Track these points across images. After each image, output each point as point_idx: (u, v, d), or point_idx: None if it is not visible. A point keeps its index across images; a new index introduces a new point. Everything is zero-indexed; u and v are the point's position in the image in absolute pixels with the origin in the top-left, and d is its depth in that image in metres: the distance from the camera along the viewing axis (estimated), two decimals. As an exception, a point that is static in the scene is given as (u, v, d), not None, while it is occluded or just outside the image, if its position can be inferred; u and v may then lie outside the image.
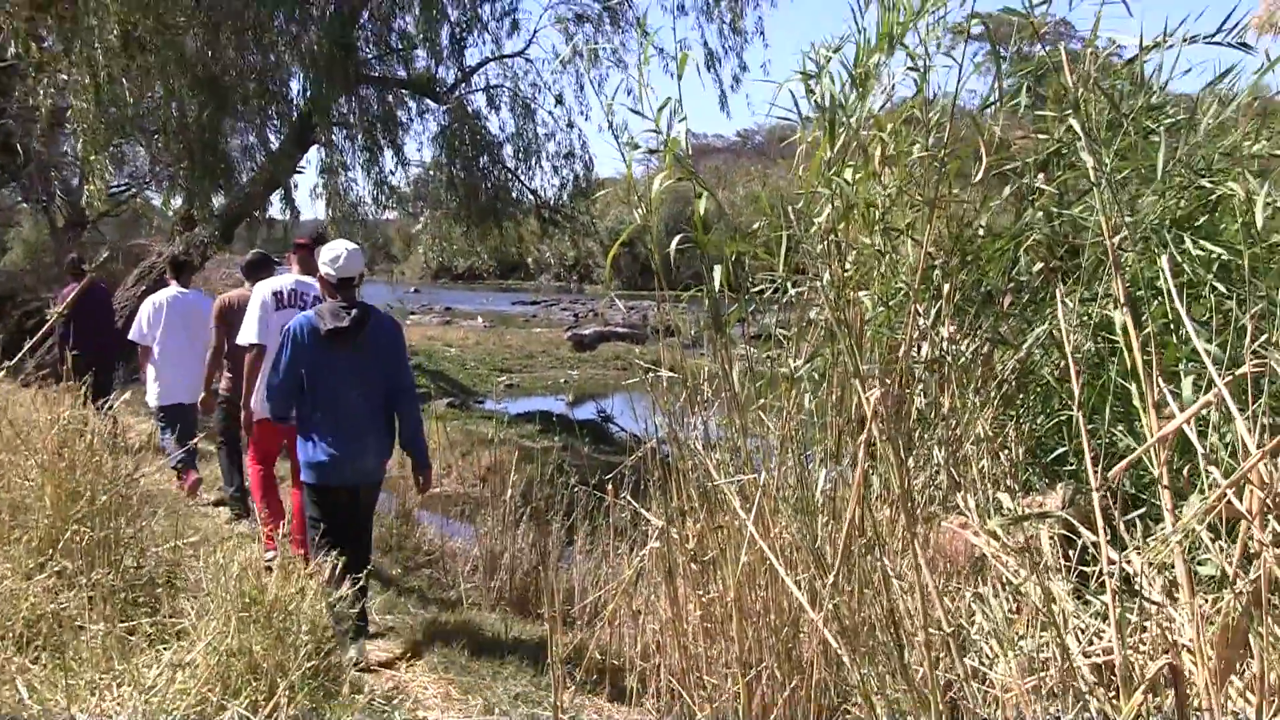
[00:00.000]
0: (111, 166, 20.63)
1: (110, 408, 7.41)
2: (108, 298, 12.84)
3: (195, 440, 9.70)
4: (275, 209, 19.64)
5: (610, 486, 6.56)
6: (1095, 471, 3.29)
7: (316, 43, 15.75)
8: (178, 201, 18.40)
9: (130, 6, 13.92)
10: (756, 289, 5.57)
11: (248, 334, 7.89)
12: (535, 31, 21.10)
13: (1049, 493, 4.53)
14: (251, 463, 8.31)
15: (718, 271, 4.93)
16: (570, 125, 20.07)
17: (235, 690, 4.31)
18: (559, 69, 19.72)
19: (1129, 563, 3.53)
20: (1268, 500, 2.53)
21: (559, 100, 19.92)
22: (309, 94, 16.46)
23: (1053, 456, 5.01)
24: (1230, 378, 2.63)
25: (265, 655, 4.48)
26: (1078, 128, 3.59)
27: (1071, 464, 4.95)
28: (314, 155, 18.43)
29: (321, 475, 6.48)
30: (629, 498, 6.15)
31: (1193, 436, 2.89)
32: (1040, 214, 5.23)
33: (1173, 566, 3.37)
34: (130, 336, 10.61)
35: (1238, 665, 2.80)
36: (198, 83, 14.98)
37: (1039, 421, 5.18)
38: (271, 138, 17.95)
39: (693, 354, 5.91)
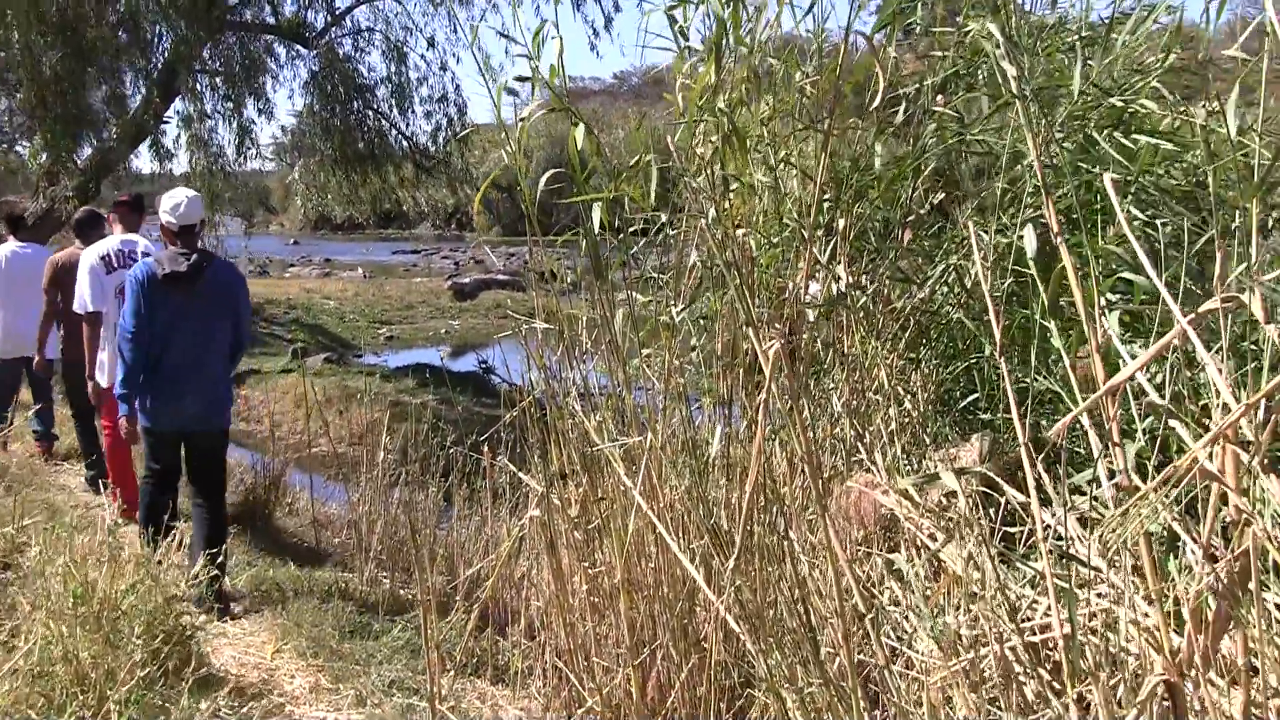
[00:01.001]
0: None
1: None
2: None
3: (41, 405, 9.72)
4: (144, 161, 18.76)
5: (486, 448, 6.09)
6: (1021, 422, 2.90)
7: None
8: (43, 156, 17.44)
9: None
10: (633, 229, 5.07)
11: (83, 301, 7.72)
12: None
13: (963, 445, 4.15)
14: (105, 434, 8.14)
15: (596, 211, 4.45)
16: (443, 68, 19.72)
17: (59, 705, 3.79)
18: (430, 11, 19.02)
19: (1060, 523, 3.16)
20: (1259, 460, 2.14)
21: (431, 43, 19.43)
22: (171, 42, 15.63)
23: (964, 404, 4.61)
24: (1193, 315, 2.23)
25: (94, 663, 3.96)
26: (995, 31, 3.15)
27: (982, 411, 4.56)
28: (179, 104, 17.62)
29: (154, 419, 6.54)
30: (506, 460, 5.70)
31: (1146, 386, 2.49)
32: (936, 139, 4.82)
33: (1104, 523, 3.01)
34: None
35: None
36: (54, 30, 14.12)
37: (945, 367, 4.78)
38: (139, 86, 17.09)
39: (572, 301, 5.43)
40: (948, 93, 4.76)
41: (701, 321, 4.99)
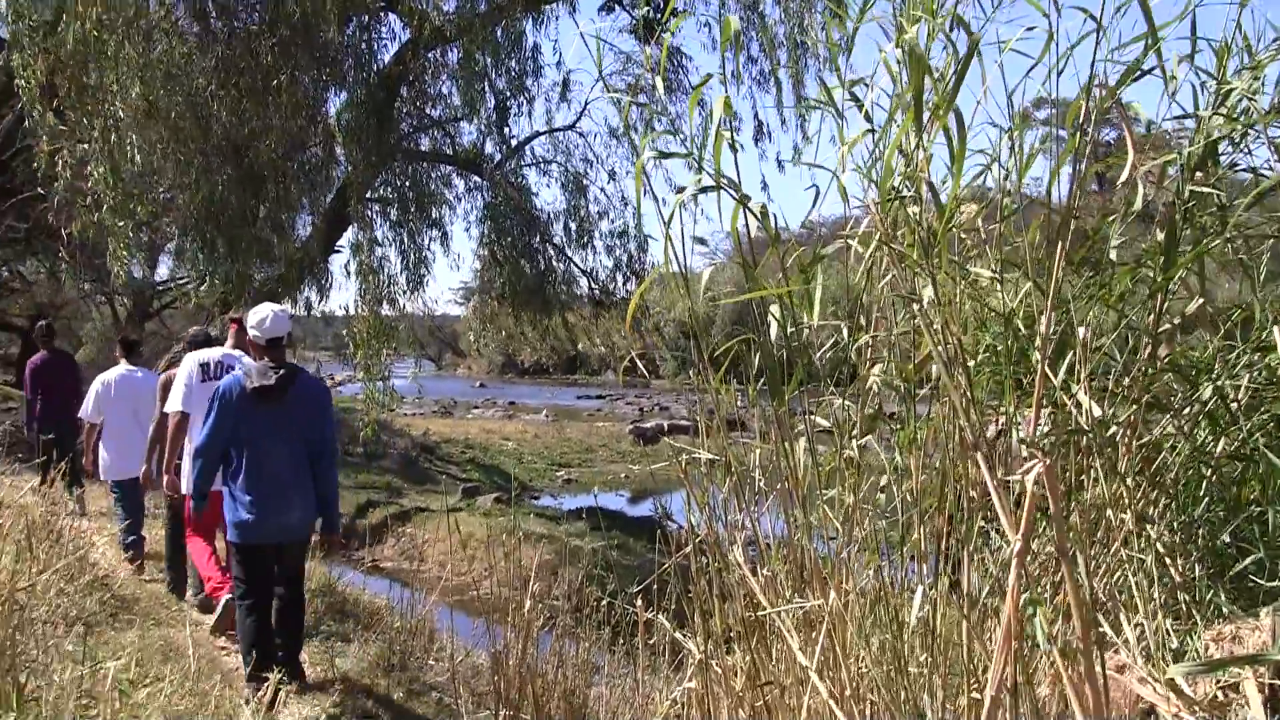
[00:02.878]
0: (168, 257, 20.02)
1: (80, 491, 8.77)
2: (76, 371, 12.94)
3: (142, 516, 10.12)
4: (309, 291, 18.83)
5: (640, 602, 5.25)
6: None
7: (350, 114, 14.87)
8: (214, 284, 17.45)
9: (149, 69, 13.15)
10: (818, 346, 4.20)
11: (173, 402, 8.20)
12: (586, 103, 19.63)
13: (1244, 622, 3.16)
14: (189, 535, 8.31)
15: (774, 314, 3.64)
16: (624, 202, 18.93)
17: None
18: (611, 143, 18.62)
19: None
20: None
21: (612, 176, 18.84)
22: (344, 171, 15.49)
23: (1239, 568, 3.57)
24: None
25: None
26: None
27: (1262, 576, 3.52)
28: (349, 234, 17.47)
29: (245, 533, 6.62)
30: (661, 617, 4.87)
31: None
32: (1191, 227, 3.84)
33: None
34: (80, 415, 10.75)
35: None
36: (224, 158, 14.11)
37: (1213, 517, 3.75)
38: (309, 214, 17.01)
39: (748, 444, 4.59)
40: (1207, 170, 3.79)
41: (897, 456, 4.11)
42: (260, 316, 6.75)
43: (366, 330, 15.89)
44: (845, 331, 4.08)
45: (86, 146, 13.63)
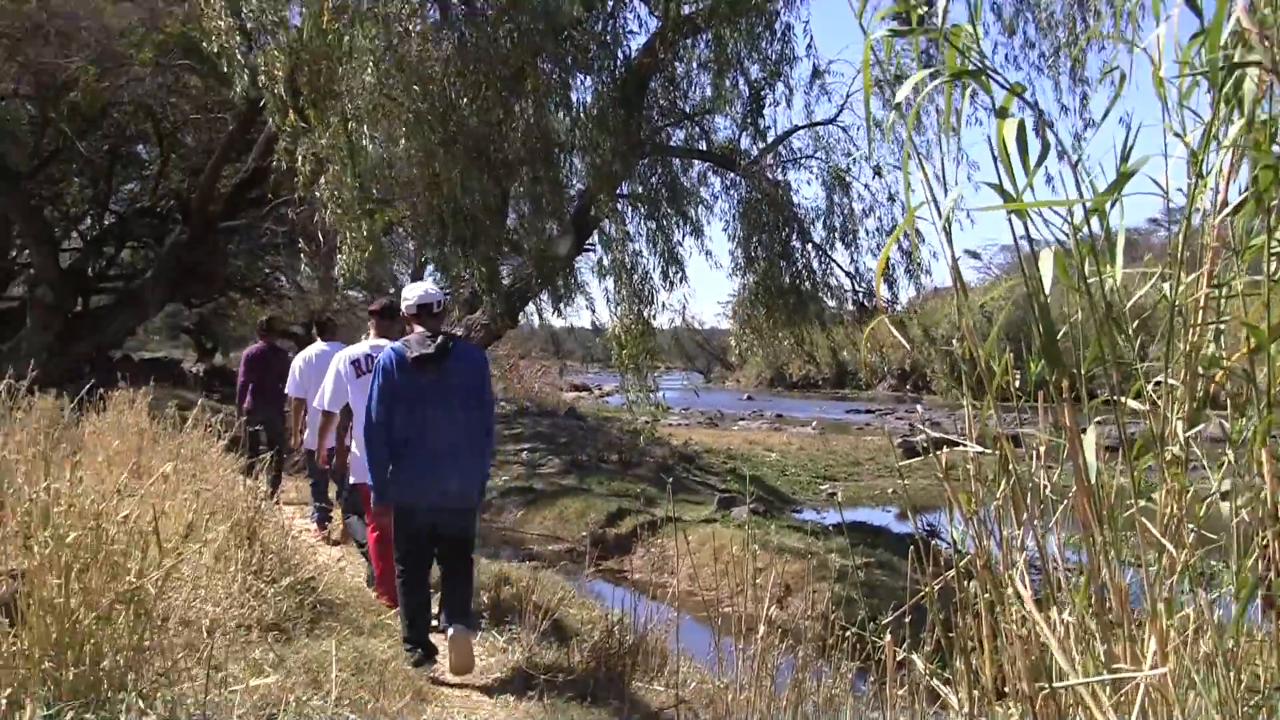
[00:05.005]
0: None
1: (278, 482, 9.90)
2: (288, 362, 13.18)
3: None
4: (568, 293, 18.56)
5: (889, 636, 4.19)
6: None
7: (598, 104, 14.19)
8: (466, 282, 17.04)
9: (385, 56, 12.72)
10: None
11: (322, 399, 8.86)
12: (848, 96, 17.93)
13: None
14: (371, 532, 8.38)
15: (1048, 263, 2.57)
16: (891, 199, 17.56)
17: None
18: (876, 136, 17.42)
19: None
20: None
21: (877, 171, 17.52)
22: (593, 163, 14.73)
23: None
24: None
25: None
26: None
27: None
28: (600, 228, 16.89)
29: (402, 494, 6.80)
30: (918, 659, 3.86)
31: None
32: None
33: None
34: (287, 390, 11.45)
35: None
36: (466, 149, 13.50)
37: None
38: (558, 209, 16.39)
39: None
40: None
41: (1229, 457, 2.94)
42: (414, 289, 7.11)
43: (626, 332, 15.14)
44: (1167, 288, 2.95)
45: (324, 143, 13.23)
